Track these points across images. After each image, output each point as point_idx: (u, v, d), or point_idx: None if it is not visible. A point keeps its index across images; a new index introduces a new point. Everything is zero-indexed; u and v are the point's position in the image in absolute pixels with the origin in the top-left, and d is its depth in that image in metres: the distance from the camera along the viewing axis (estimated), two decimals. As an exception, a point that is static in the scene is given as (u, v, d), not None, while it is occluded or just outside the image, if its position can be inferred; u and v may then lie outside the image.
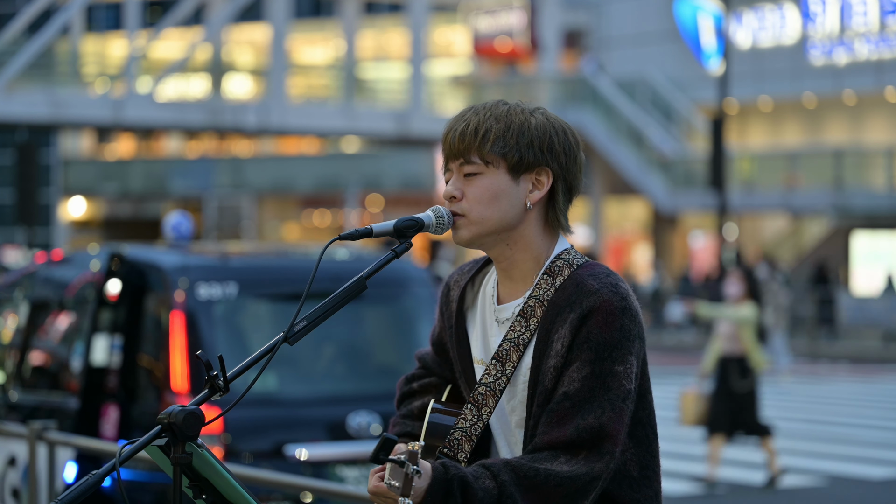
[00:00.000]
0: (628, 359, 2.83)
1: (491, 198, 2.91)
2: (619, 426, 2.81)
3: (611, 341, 2.82)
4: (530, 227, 2.94)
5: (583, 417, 2.79)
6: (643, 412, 2.92)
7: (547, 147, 2.91)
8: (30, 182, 22.63)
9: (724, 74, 28.56)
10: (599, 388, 2.80)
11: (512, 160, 2.90)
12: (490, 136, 2.90)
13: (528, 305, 2.91)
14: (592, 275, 2.89)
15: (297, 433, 6.98)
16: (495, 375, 2.92)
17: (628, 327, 2.84)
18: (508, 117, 2.92)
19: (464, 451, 2.93)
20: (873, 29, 36.23)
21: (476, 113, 2.93)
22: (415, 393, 3.20)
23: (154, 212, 50.42)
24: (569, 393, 2.81)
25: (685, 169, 37.08)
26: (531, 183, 2.92)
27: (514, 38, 40.90)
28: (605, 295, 2.84)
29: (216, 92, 36.16)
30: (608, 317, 2.83)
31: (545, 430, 2.82)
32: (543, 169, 2.92)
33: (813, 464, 13.23)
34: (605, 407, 2.80)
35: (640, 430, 2.91)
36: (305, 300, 2.80)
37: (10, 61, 32.92)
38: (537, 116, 2.94)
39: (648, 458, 2.92)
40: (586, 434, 2.79)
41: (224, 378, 2.75)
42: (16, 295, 8.48)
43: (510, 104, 2.96)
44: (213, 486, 2.78)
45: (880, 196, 34.31)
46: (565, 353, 2.83)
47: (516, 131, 2.90)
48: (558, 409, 2.81)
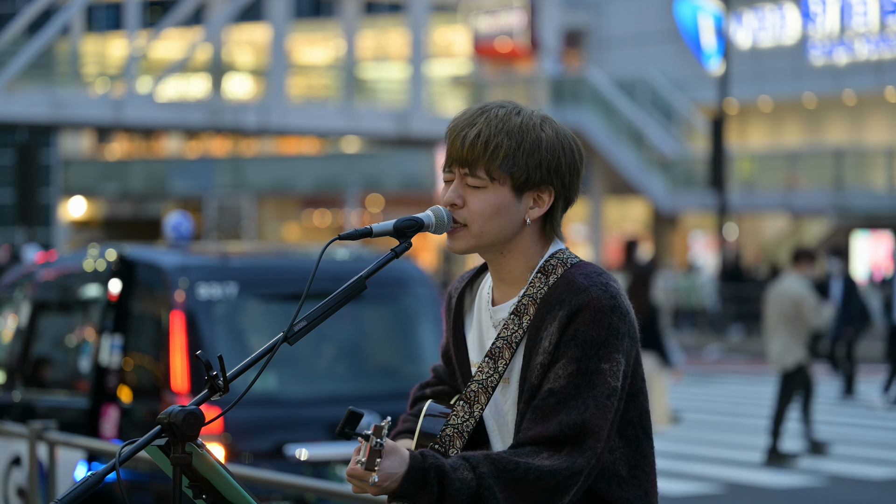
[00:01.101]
0: (615, 357, 2.83)
1: (493, 213, 2.90)
2: (603, 423, 2.81)
3: (598, 339, 2.82)
4: (526, 238, 2.95)
5: (567, 414, 2.79)
6: (634, 412, 2.92)
7: (554, 168, 2.91)
8: (30, 182, 22.65)
9: (725, 74, 28.57)
10: (585, 386, 2.81)
11: (518, 179, 2.89)
12: (500, 154, 2.88)
13: (522, 303, 2.92)
14: (584, 273, 2.90)
15: (297, 433, 6.98)
16: (487, 373, 2.93)
17: (616, 325, 2.84)
18: (521, 133, 2.89)
19: (455, 447, 2.93)
20: (873, 29, 36.24)
21: (487, 121, 2.89)
22: (426, 399, 3.22)
23: (154, 212, 50.43)
24: (554, 390, 2.82)
25: (685, 169, 37.09)
26: (532, 199, 2.92)
27: (514, 39, 40.91)
28: (594, 293, 2.84)
29: (216, 92, 36.17)
30: (596, 314, 2.83)
31: (529, 426, 2.82)
32: (547, 188, 2.92)
33: (813, 464, 13.23)
34: (588, 404, 2.80)
35: (630, 430, 2.92)
36: (305, 300, 2.80)
37: (10, 61, 32.93)
38: (547, 131, 2.91)
39: (638, 457, 2.92)
40: (569, 430, 2.79)
41: (224, 378, 2.75)
42: (16, 295, 8.48)
43: (522, 114, 2.92)
44: (213, 486, 2.78)
45: (880, 196, 34.33)
46: (552, 350, 2.84)
47: (527, 151, 2.88)
48: (543, 405, 2.82)
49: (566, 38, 42.32)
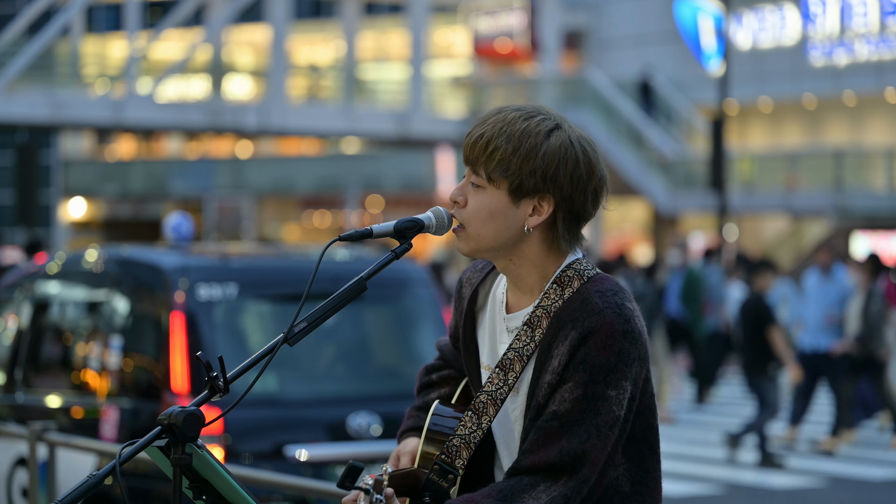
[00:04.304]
0: (622, 384, 2.80)
1: (488, 216, 2.87)
2: (601, 454, 2.79)
3: (607, 365, 2.79)
4: (533, 247, 2.90)
5: (568, 441, 2.78)
6: (638, 429, 2.90)
7: (551, 177, 2.84)
8: (30, 183, 22.63)
9: (725, 75, 28.57)
10: (589, 412, 2.79)
11: (513, 184, 2.86)
12: (496, 156, 2.85)
13: (535, 315, 2.88)
14: (599, 291, 2.85)
15: (297, 434, 6.98)
16: (497, 384, 2.91)
17: (627, 351, 2.81)
18: (521, 139, 2.84)
19: (462, 458, 2.92)
20: (873, 30, 36.24)
21: (496, 122, 2.87)
22: (433, 384, 3.21)
23: (154, 213, 50.41)
24: (558, 413, 2.80)
25: (685, 170, 37.07)
26: (533, 207, 2.87)
27: (514, 39, 40.91)
28: (607, 316, 2.81)
29: (216, 93, 36.17)
30: (608, 339, 2.79)
31: (530, 449, 2.81)
32: (545, 196, 2.86)
33: (813, 464, 13.23)
34: (591, 433, 2.78)
35: (634, 447, 2.90)
36: (305, 301, 2.80)
37: (10, 62, 32.91)
38: (553, 140, 2.85)
39: (641, 473, 2.91)
40: (568, 458, 2.78)
41: (224, 379, 2.75)
42: (16, 295, 8.48)
43: (534, 119, 2.87)
44: (213, 487, 2.79)
45: (880, 197, 34.30)
46: (561, 371, 2.81)
47: (522, 156, 2.84)
48: (546, 427, 2.80)
49: (566, 39, 42.32)
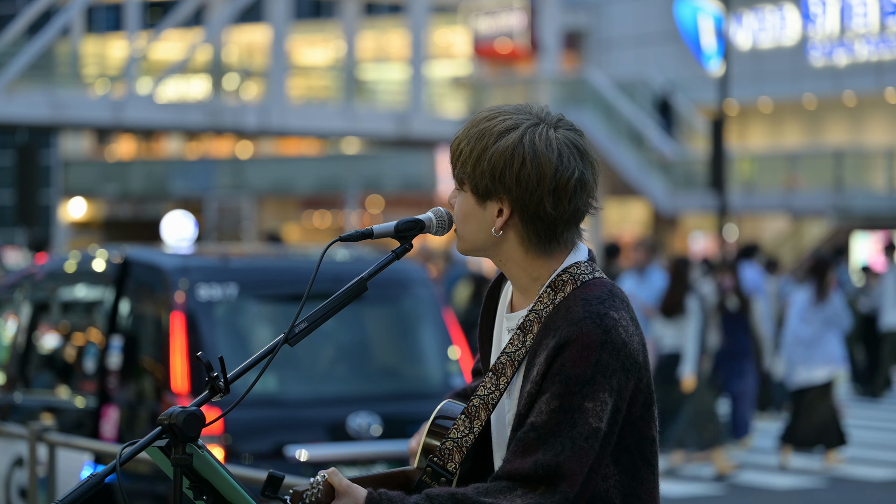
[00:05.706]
0: (601, 396, 2.74)
1: (463, 217, 2.89)
2: (578, 467, 2.73)
3: (583, 376, 2.74)
4: (512, 248, 2.88)
5: (543, 453, 2.73)
6: (631, 439, 2.84)
7: (499, 177, 2.82)
8: (30, 183, 22.61)
9: (725, 75, 28.56)
10: (565, 424, 2.74)
11: (472, 186, 2.86)
12: (460, 159, 2.87)
13: (528, 320, 2.86)
14: (585, 299, 2.80)
15: (297, 434, 6.98)
16: (490, 388, 2.89)
17: (605, 362, 2.74)
18: (477, 140, 2.84)
19: (454, 461, 2.90)
20: (873, 30, 36.24)
21: (469, 125, 2.89)
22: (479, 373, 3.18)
23: (154, 213, 50.40)
24: (536, 424, 2.76)
25: (685, 170, 37.07)
26: (498, 209, 2.86)
27: (514, 40, 40.91)
28: (585, 326, 2.75)
29: (216, 93, 36.17)
30: (583, 350, 2.74)
31: (509, 458, 2.78)
32: (503, 197, 2.84)
33: (813, 464, 13.23)
34: (566, 444, 2.73)
35: (626, 457, 2.85)
36: (306, 301, 2.80)
37: (10, 62, 32.91)
38: (503, 140, 2.82)
39: (634, 485, 2.85)
40: (542, 471, 2.73)
41: (225, 379, 2.75)
42: (16, 296, 8.48)
43: (493, 120, 2.85)
44: (214, 487, 2.79)
45: (880, 197, 34.30)
46: (539, 380, 2.77)
47: (475, 158, 2.84)
48: (525, 438, 2.77)
49: (566, 39, 42.32)
